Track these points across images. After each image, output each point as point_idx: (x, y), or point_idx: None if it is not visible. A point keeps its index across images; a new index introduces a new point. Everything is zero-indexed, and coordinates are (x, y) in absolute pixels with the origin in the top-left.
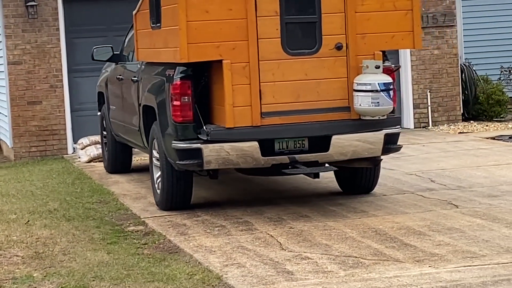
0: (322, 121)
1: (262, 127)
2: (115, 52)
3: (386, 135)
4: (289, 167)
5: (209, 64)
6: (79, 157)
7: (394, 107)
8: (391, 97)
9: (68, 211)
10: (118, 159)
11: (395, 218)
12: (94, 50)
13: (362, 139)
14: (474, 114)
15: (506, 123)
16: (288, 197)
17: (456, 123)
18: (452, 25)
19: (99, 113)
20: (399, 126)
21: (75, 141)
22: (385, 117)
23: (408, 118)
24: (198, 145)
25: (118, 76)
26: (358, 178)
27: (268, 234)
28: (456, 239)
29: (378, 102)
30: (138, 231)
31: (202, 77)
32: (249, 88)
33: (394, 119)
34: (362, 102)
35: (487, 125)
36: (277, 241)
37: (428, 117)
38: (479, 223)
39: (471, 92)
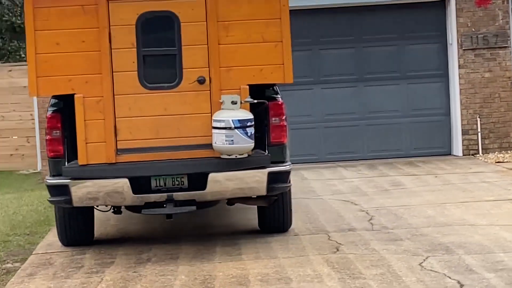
0: (185, 159)
1: (117, 164)
2: None
3: (270, 173)
4: (164, 205)
5: None
6: None
7: (282, 144)
8: (249, 134)
9: None
10: None
11: (252, 263)
12: None
13: (242, 177)
14: None
15: None
16: (203, 234)
17: (509, 151)
18: (506, 46)
19: None
20: (286, 164)
21: None
22: (244, 155)
23: (456, 145)
24: (65, 182)
25: None
26: (268, 217)
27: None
28: None
29: (232, 140)
30: (4, 269)
31: None
32: (103, 123)
33: (262, 157)
34: (217, 140)
35: None
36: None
37: (478, 144)
38: (325, 272)
39: None
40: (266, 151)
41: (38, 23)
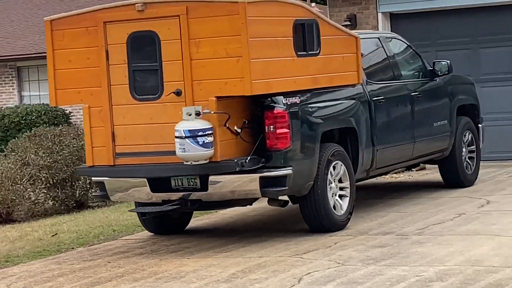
0: (166, 163)
1: (115, 166)
2: None
3: (262, 178)
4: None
5: None
6: None
7: (279, 150)
8: (201, 143)
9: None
10: None
11: (230, 260)
12: None
13: (236, 180)
14: None
15: None
16: (291, 230)
17: None
18: None
19: None
20: (283, 169)
21: None
22: (201, 162)
23: None
24: (102, 179)
25: None
26: (306, 217)
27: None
28: None
29: (184, 148)
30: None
31: None
32: (104, 130)
33: (230, 163)
34: (176, 148)
35: None
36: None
37: None
38: (242, 273)
39: None
40: (248, 157)
41: (56, 43)
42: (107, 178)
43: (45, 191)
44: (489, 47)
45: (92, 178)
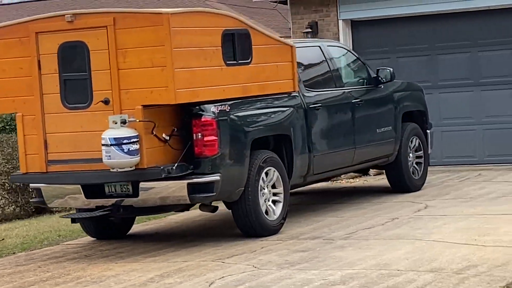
0: (98, 170)
1: (48, 173)
2: None
3: (190, 184)
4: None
5: None
6: None
7: (207, 157)
8: (127, 151)
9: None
10: None
11: (153, 264)
12: None
13: (165, 187)
14: None
15: None
16: (224, 235)
17: None
18: None
19: None
20: (210, 176)
21: None
22: (126, 169)
23: None
24: (39, 185)
25: None
26: (237, 221)
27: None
28: None
29: (109, 156)
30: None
31: None
32: (37, 138)
33: (155, 170)
34: (103, 155)
35: None
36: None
37: None
38: (147, 278)
39: None
40: (174, 164)
41: None
42: (43, 185)
43: (6, 196)
44: (447, 54)
45: (30, 184)
